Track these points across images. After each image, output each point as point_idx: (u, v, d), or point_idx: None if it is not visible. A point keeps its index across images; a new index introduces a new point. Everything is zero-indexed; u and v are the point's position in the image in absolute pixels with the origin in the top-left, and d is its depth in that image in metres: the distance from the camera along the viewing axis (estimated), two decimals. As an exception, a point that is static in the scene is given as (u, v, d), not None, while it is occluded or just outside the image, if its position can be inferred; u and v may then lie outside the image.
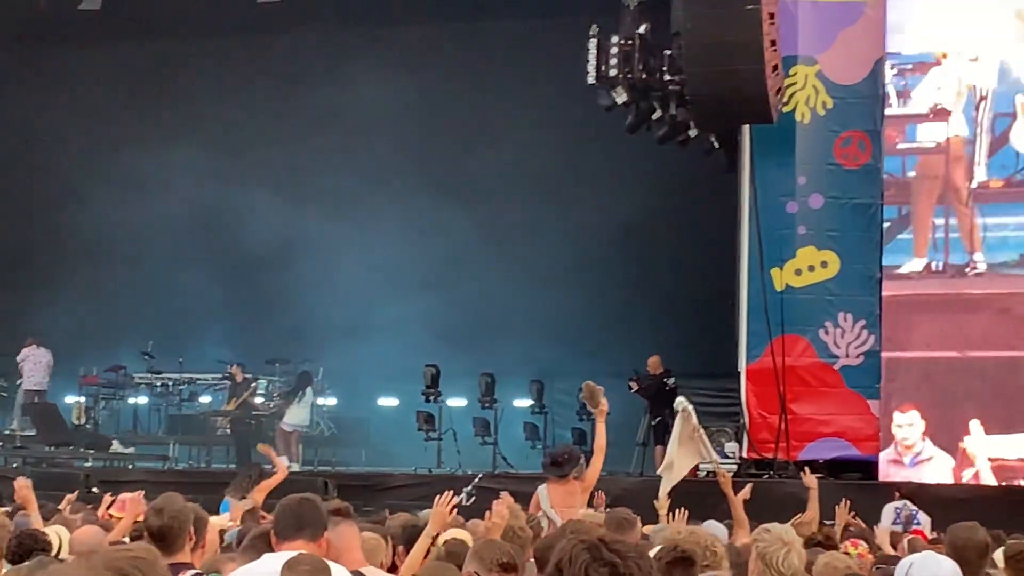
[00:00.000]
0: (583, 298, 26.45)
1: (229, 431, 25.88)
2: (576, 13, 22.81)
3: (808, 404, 21.94)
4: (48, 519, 11.31)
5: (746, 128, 22.36)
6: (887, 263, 21.60)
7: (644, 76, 21.11)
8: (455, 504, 9.47)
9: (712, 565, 7.52)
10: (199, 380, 28.00)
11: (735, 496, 12.97)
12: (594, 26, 21.14)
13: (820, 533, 10.78)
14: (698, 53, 19.86)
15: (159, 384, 27.80)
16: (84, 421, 26.94)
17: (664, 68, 21.15)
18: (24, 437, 26.37)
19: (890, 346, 21.39)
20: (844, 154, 22.13)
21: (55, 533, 9.59)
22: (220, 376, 27.01)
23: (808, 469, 15.86)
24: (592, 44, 20.99)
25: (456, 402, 26.04)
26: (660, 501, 13.92)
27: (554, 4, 25.98)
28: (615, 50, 20.93)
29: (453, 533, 9.26)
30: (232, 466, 24.74)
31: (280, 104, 28.45)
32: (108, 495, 13.28)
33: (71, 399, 27.70)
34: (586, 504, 13.19)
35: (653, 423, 22.91)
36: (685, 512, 12.15)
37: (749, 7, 19.40)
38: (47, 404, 26.58)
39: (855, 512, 14.75)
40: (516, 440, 25.49)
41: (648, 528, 11.44)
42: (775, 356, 21.85)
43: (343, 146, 28.14)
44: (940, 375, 21.12)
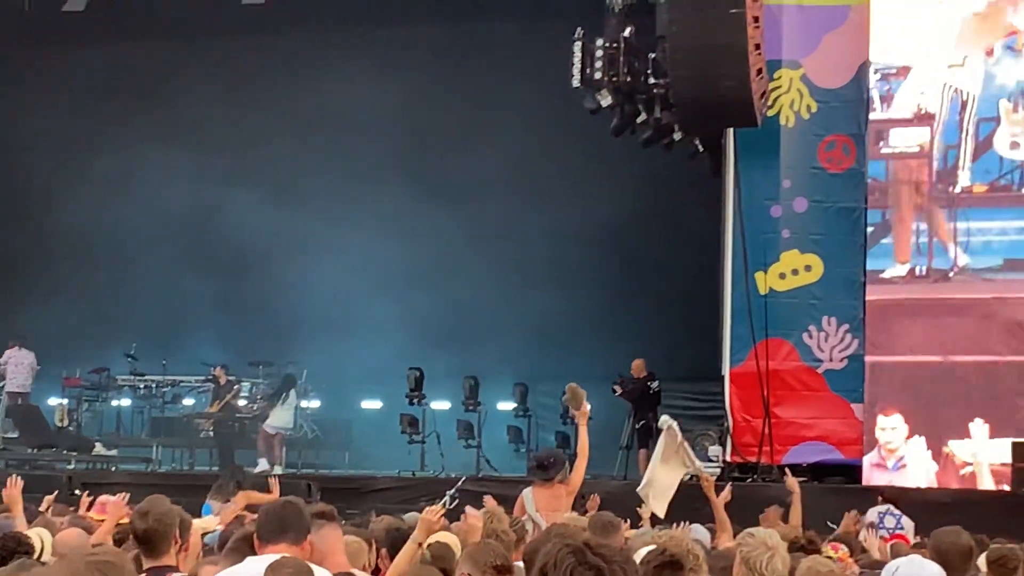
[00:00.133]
0: (567, 301, 26.44)
1: (212, 433, 25.83)
2: (561, 16, 22.79)
3: (792, 408, 21.96)
4: (32, 521, 11.26)
5: (731, 132, 22.38)
6: (871, 267, 21.64)
7: (629, 79, 21.12)
8: (443, 514, 9.45)
9: (693, 569, 7.51)
10: (182, 382, 27.95)
11: (717, 499, 12.99)
12: (579, 29, 21.13)
13: (803, 537, 10.75)
14: (683, 57, 19.88)
15: (142, 386, 27.75)
16: (67, 423, 26.86)
17: (649, 71, 21.16)
18: (6, 439, 26.28)
19: (874, 350, 21.43)
20: (828, 158, 22.16)
21: (38, 536, 9.55)
22: (203, 378, 26.95)
23: (790, 472, 15.86)
24: (577, 47, 20.98)
25: (440, 405, 26.00)
26: (644, 509, 13.94)
27: (539, 7, 25.99)
28: (600, 53, 20.92)
29: (438, 537, 9.24)
30: (215, 468, 24.69)
31: (265, 105, 28.39)
32: (84, 495, 13.24)
33: (54, 401, 27.63)
34: (571, 508, 13.17)
35: (637, 426, 22.92)
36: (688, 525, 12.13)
37: (733, 11, 19.42)
38: (30, 406, 26.49)
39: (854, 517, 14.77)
40: (500, 443, 25.47)
41: (630, 532, 11.42)
42: (759, 360, 21.85)
43: (328, 148, 28.15)
44: (923, 379, 21.17)
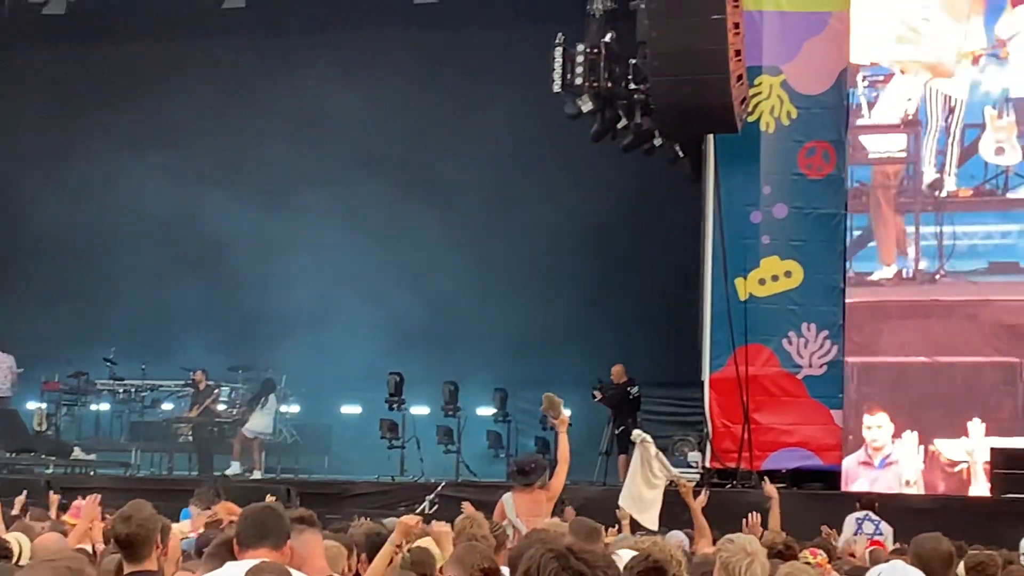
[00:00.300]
0: (547, 306, 26.45)
1: (191, 438, 25.76)
2: (542, 21, 22.82)
3: (771, 414, 21.99)
4: (10, 526, 11.24)
5: (711, 137, 22.40)
6: (859, 270, 21.80)
7: (609, 85, 21.16)
8: (421, 517, 9.46)
9: (676, 574, 7.52)
10: (161, 387, 27.87)
11: (696, 505, 13.02)
12: (560, 34, 21.16)
13: (781, 542, 10.77)
14: (663, 62, 19.89)
15: (121, 391, 27.66)
16: (46, 427, 26.76)
17: (629, 77, 21.21)
18: (-16, 443, 26.22)
19: (861, 351, 21.57)
20: (808, 164, 22.22)
21: (15, 540, 9.53)
22: (183, 383, 26.89)
23: (769, 479, 15.89)
24: (558, 52, 21.01)
25: (419, 410, 25.99)
26: (622, 511, 13.95)
27: (521, 12, 26.01)
28: (581, 58, 20.96)
29: (420, 542, 9.23)
30: (194, 473, 24.65)
31: (246, 108, 28.29)
32: (51, 494, 13.21)
33: (33, 405, 27.51)
34: (551, 514, 13.17)
35: (617, 432, 22.92)
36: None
37: (714, 17, 19.44)
38: (8, 410, 26.40)
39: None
40: (479, 448, 25.49)
41: (610, 538, 11.43)
42: (738, 365, 21.88)
43: (310, 152, 28.14)
44: (910, 379, 21.38)
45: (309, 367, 26.61)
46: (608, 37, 21.27)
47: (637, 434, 15.32)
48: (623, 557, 7.22)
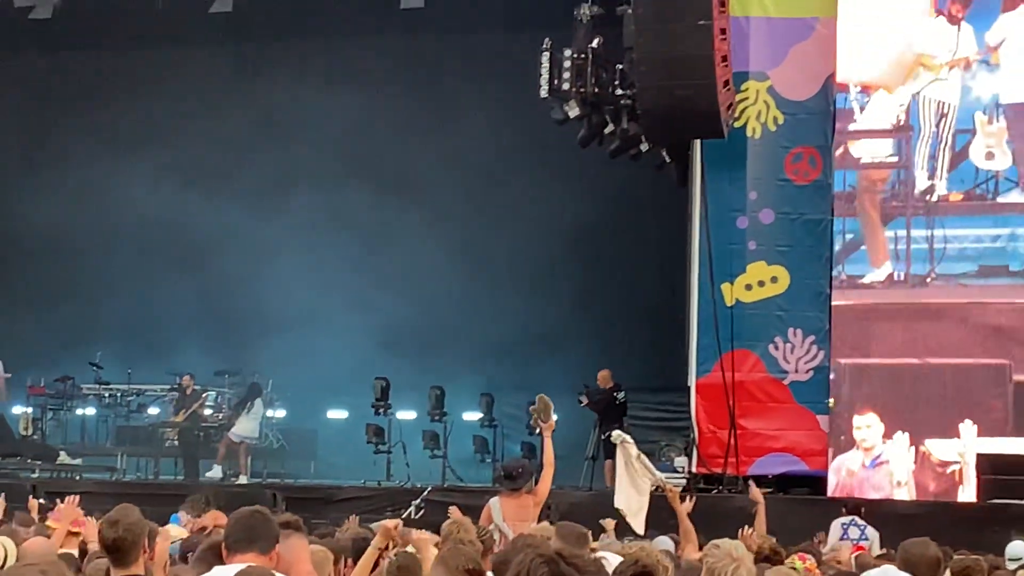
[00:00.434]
0: (534, 311, 26.45)
1: (177, 443, 25.73)
2: (529, 27, 22.85)
3: (757, 419, 22.01)
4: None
5: (697, 143, 22.41)
6: (851, 273, 21.88)
7: (596, 90, 21.18)
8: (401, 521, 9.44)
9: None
10: (147, 391, 27.82)
11: (682, 510, 13.03)
12: (547, 40, 21.17)
13: (768, 547, 10.79)
14: (650, 68, 19.89)
15: (107, 395, 27.58)
16: (31, 432, 26.73)
17: (616, 82, 21.23)
18: (-30, 448, 26.16)
19: (852, 353, 21.69)
20: (795, 170, 22.24)
21: (1, 545, 9.51)
22: (169, 387, 26.86)
23: (755, 484, 15.90)
24: (545, 58, 21.03)
25: (406, 415, 25.96)
26: (608, 520, 13.97)
27: (508, 18, 26.02)
28: (568, 64, 20.97)
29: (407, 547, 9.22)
30: (180, 478, 24.62)
31: (233, 112, 28.20)
32: (31, 498, 13.15)
33: (18, 409, 27.47)
34: (537, 519, 13.17)
35: (603, 437, 22.86)
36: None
37: (701, 22, 19.45)
38: (-7, 415, 26.40)
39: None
40: (466, 453, 25.47)
41: (596, 543, 11.42)
42: (725, 371, 21.88)
43: (297, 156, 28.15)
44: (900, 381, 21.53)
45: (295, 372, 26.60)
46: (595, 42, 21.28)
47: (617, 435, 15.37)
48: (611, 562, 7.22)
